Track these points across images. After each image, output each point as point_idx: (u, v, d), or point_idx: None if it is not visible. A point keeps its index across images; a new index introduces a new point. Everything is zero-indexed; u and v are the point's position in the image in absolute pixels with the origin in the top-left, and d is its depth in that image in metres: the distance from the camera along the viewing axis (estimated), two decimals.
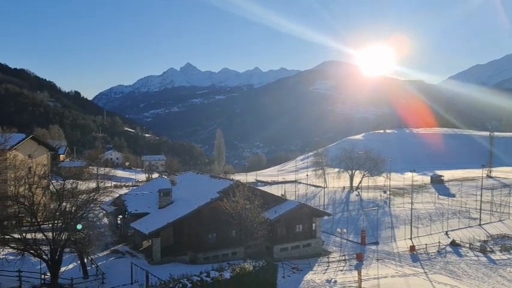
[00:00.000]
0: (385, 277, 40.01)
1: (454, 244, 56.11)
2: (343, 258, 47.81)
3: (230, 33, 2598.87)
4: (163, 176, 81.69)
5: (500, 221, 70.39)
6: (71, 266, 35.86)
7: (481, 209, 71.35)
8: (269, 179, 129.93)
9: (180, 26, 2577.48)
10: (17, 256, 31.09)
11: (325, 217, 58.58)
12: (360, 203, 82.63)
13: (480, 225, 67.76)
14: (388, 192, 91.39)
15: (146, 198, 48.88)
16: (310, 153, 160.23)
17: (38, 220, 31.02)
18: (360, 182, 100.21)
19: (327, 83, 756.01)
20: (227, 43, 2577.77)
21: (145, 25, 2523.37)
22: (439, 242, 56.32)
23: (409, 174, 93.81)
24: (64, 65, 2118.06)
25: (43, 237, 30.33)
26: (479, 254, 52.76)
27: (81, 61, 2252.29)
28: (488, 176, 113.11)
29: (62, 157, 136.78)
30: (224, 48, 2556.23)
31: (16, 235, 29.97)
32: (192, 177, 60.12)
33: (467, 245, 55.99)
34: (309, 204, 63.72)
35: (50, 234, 30.14)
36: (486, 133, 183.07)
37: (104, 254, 42.77)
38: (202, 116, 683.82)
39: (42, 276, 32.77)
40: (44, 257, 29.68)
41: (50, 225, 31.93)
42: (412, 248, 53.75)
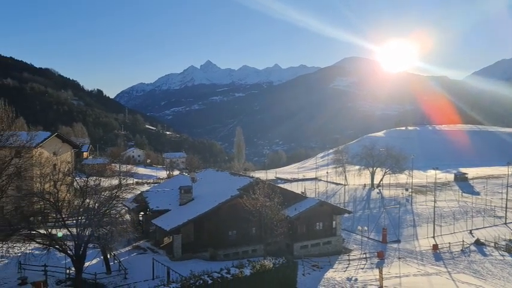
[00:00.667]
0: (407, 276, 39.46)
1: (478, 243, 54.91)
2: (364, 256, 47.32)
3: (250, 31, 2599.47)
4: (183, 173, 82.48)
5: None
6: (94, 262, 36.63)
7: (506, 207, 69.57)
8: (289, 177, 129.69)
9: (200, 24, 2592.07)
10: (42, 251, 31.92)
11: (346, 215, 58.05)
12: (381, 201, 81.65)
13: (506, 223, 66.03)
14: (410, 190, 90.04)
15: (167, 195, 49.39)
16: (331, 151, 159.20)
17: (63, 216, 31.72)
18: (381, 180, 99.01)
19: (347, 79, 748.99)
20: (247, 40, 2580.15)
21: (165, 24, 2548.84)
22: (463, 240, 55.16)
23: (431, 172, 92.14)
24: (87, 64, 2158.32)
25: (67, 232, 31.02)
26: (504, 253, 51.45)
27: (104, 60, 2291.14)
28: None
29: (85, 154, 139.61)
30: (244, 45, 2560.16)
31: (42, 231, 30.72)
32: (212, 174, 60.47)
33: (492, 244, 54.68)
34: (329, 201, 63.30)
35: (74, 230, 30.80)
36: None
37: (126, 250, 43.47)
38: (222, 114, 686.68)
39: (67, 271, 33.54)
40: (69, 252, 30.32)
41: (74, 221, 32.64)
42: (434, 247, 52.82)
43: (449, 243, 54.10)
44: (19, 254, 34.95)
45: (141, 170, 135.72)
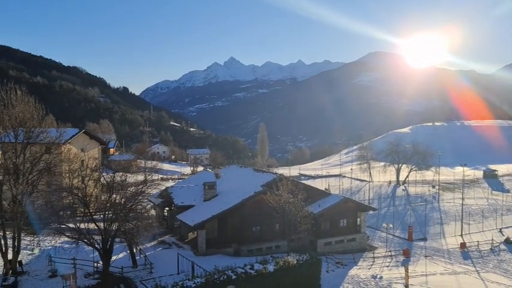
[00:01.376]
0: (433, 274, 38.72)
1: (508, 242, 53.37)
2: (389, 254, 46.70)
3: (273, 26, 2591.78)
4: (207, 169, 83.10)
5: None
6: (121, 256, 37.38)
7: None
8: (313, 173, 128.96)
9: (223, 21, 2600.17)
10: (71, 245, 32.75)
11: (371, 212, 57.40)
12: (407, 198, 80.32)
13: None
14: (437, 187, 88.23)
15: (191, 191, 49.89)
16: (355, 147, 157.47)
17: (91, 211, 32.47)
18: (407, 177, 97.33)
19: (372, 74, 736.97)
20: (270, 36, 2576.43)
21: (190, 22, 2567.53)
22: (492, 239, 53.71)
23: (460, 169, 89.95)
24: (113, 62, 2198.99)
25: (95, 227, 31.73)
26: None
27: (129, 58, 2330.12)
28: None
29: (111, 151, 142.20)
30: (267, 41, 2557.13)
31: (71, 225, 31.52)
32: (235, 170, 60.74)
33: None
34: (353, 198, 62.70)
35: (101, 225, 31.49)
36: None
37: (152, 245, 44.19)
38: (246, 110, 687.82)
39: (95, 264, 34.38)
40: (96, 246, 31.01)
41: (101, 215, 33.37)
42: (462, 245, 51.63)
43: (477, 242, 52.79)
44: (49, 247, 36.05)
45: (166, 166, 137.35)
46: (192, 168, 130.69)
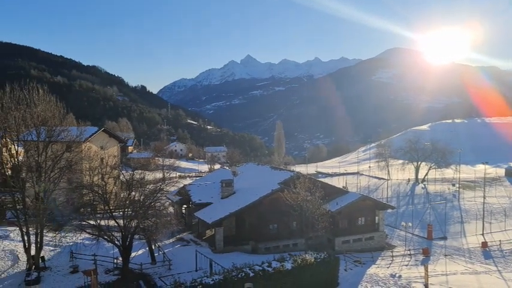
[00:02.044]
0: (454, 274, 38.11)
1: None
2: (408, 252, 46.13)
3: (290, 24, 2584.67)
4: (225, 167, 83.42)
5: None
6: (140, 252, 37.88)
7: None
8: (330, 171, 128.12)
9: (240, 19, 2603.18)
10: (92, 241, 33.36)
11: (389, 210, 56.72)
12: (426, 196, 79.11)
13: None
14: (457, 185, 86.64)
15: (209, 189, 50.16)
16: (373, 144, 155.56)
17: (110, 208, 32.97)
18: (426, 175, 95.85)
19: (390, 71, 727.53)
20: (287, 34, 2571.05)
21: (206, 19, 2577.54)
22: None
23: (481, 167, 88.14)
24: (131, 60, 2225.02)
25: (115, 224, 32.22)
26: None
27: (147, 57, 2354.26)
28: None
29: (130, 149, 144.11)
30: (284, 39, 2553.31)
31: (91, 222, 32.08)
32: (253, 168, 60.79)
33: None
34: (371, 196, 62.10)
35: (121, 222, 31.96)
36: None
37: (170, 242, 44.63)
38: (262, 108, 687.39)
39: (115, 260, 34.94)
40: (116, 242, 31.52)
41: (121, 213, 33.86)
42: (484, 245, 50.64)
43: (499, 241, 51.68)
44: (71, 244, 36.78)
45: (184, 164, 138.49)
46: (209, 166, 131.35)
